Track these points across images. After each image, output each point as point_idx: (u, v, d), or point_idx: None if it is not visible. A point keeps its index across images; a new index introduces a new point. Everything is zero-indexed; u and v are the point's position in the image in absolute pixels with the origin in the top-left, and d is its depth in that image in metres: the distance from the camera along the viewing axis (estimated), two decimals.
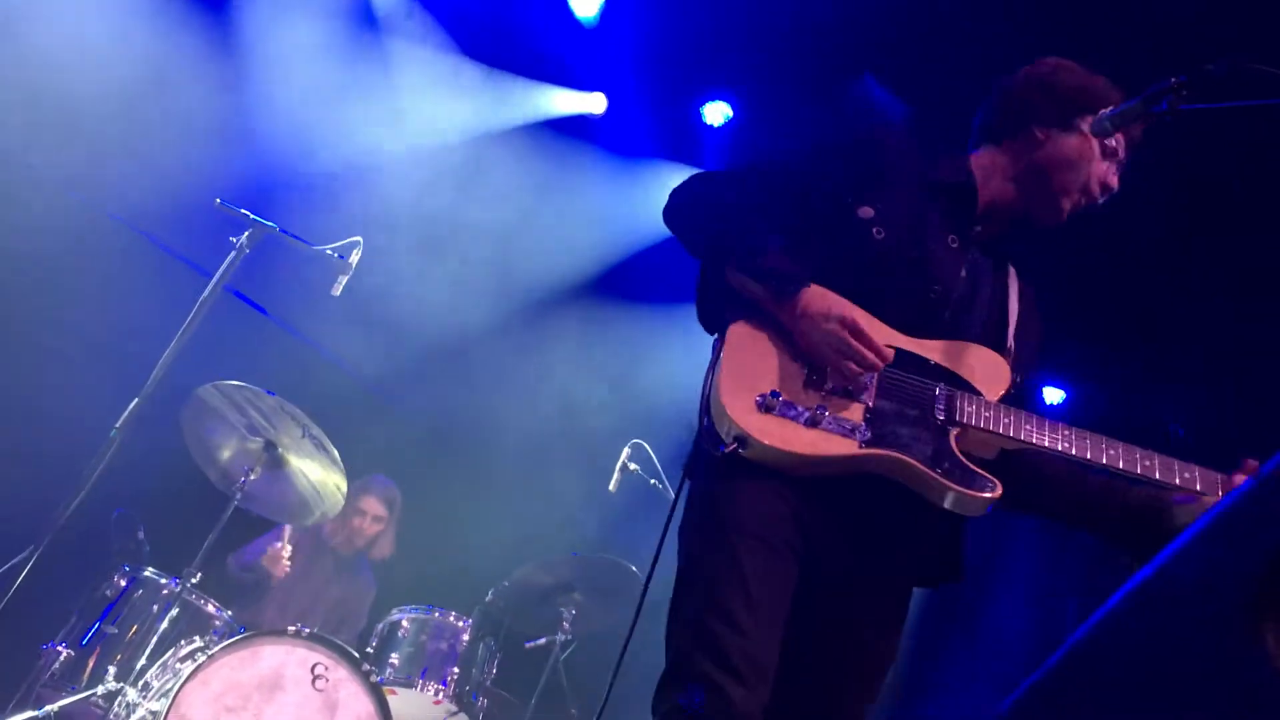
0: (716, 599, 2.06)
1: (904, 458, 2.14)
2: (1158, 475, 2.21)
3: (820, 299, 2.23)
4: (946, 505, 2.16)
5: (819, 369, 2.24)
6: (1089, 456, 2.21)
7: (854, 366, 2.18)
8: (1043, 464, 2.38)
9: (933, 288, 2.35)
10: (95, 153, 5.43)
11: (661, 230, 7.14)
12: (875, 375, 2.24)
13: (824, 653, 2.24)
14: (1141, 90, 2.21)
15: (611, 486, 5.30)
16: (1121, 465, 2.21)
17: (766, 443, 2.11)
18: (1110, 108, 2.35)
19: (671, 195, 2.49)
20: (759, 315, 2.30)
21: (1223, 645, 0.62)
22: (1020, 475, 2.28)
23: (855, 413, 2.19)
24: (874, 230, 2.34)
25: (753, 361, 2.24)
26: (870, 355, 2.18)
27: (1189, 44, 4.45)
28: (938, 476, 2.12)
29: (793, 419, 2.14)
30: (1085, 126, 2.41)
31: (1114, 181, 2.46)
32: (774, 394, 2.16)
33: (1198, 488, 2.21)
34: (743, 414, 2.14)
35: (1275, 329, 5.45)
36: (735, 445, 2.13)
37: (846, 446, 2.14)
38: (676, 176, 7.60)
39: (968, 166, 2.53)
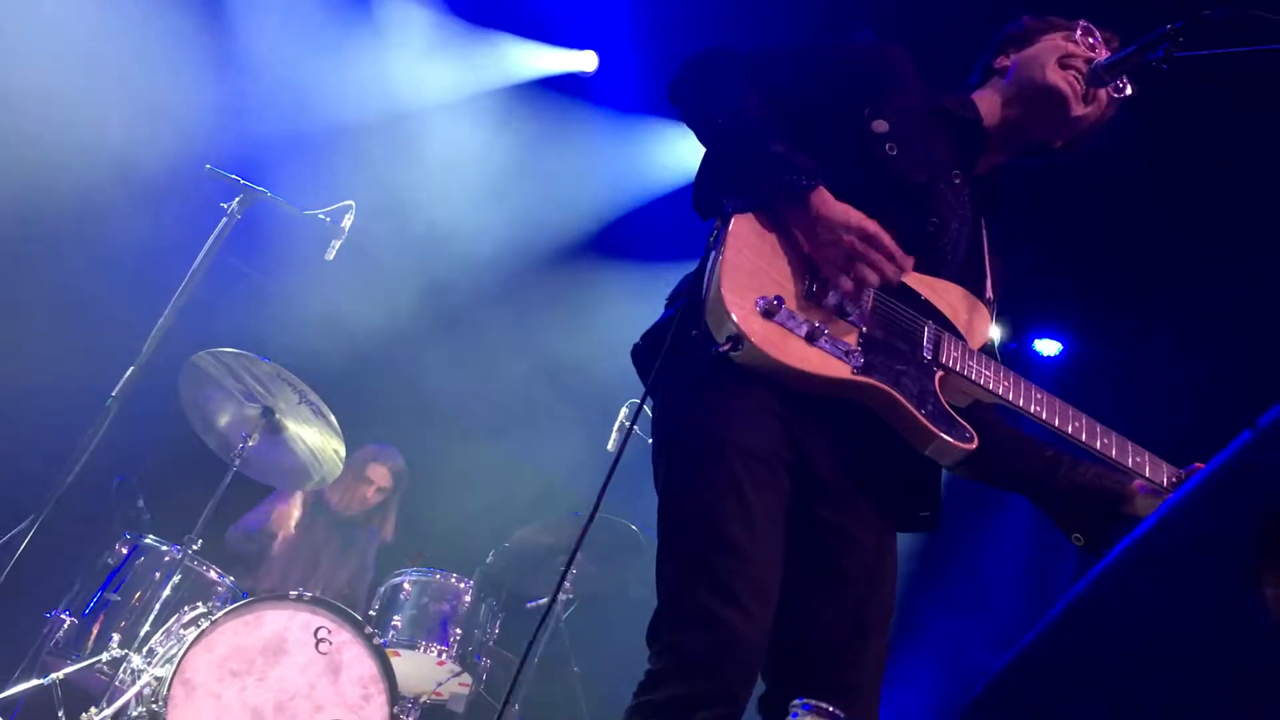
0: (715, 524, 1.96)
1: (893, 392, 2.06)
2: (1113, 454, 2.17)
3: (835, 203, 2.11)
4: (923, 449, 2.10)
5: (821, 280, 2.13)
6: (1057, 424, 2.16)
7: (870, 275, 2.08)
8: (1002, 425, 2.33)
9: (930, 219, 2.29)
10: (86, 119, 5.38)
11: (658, 187, 7.13)
12: (870, 300, 2.15)
13: (832, 562, 2.14)
14: (1137, 38, 2.20)
15: (610, 446, 5.30)
16: (1084, 438, 2.16)
17: (763, 349, 1.99)
18: (1107, 56, 2.33)
19: (682, 67, 2.33)
20: (766, 210, 2.18)
21: (1223, 599, 0.62)
22: (982, 433, 2.19)
23: (850, 335, 2.09)
24: (887, 145, 2.25)
25: (756, 260, 2.11)
26: (889, 267, 2.09)
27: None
28: (922, 418, 2.06)
29: (792, 329, 2.03)
30: (1046, 36, 2.45)
31: (1097, 56, 2.38)
32: (778, 300, 2.04)
33: (1146, 472, 2.17)
34: (744, 315, 2.00)
35: (1275, 288, 5.43)
36: (730, 345, 1.99)
37: (840, 369, 2.04)
38: (670, 133, 7.49)
39: (972, 100, 2.50)
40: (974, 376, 2.17)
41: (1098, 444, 2.17)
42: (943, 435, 2.06)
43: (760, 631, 1.92)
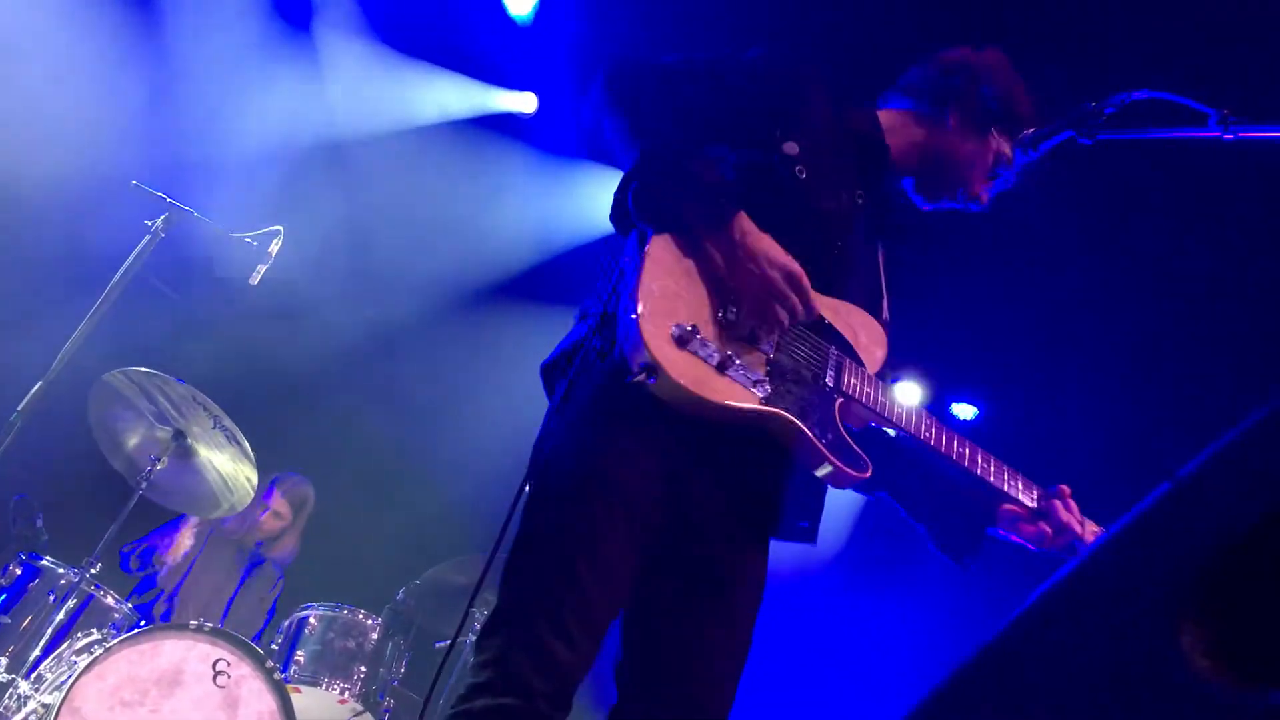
0: (565, 559, 1.97)
1: (797, 422, 2.06)
2: (991, 479, 2.25)
3: (759, 234, 2.09)
4: (819, 474, 2.11)
5: (735, 307, 2.10)
6: (942, 449, 2.22)
7: (784, 317, 2.09)
8: (899, 447, 2.32)
9: (837, 243, 2.31)
10: (6, 129, 5.26)
11: (589, 232, 7.15)
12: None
13: (690, 607, 2.13)
14: (1064, 110, 2.27)
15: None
16: (966, 463, 2.23)
17: (677, 380, 1.95)
18: (1033, 129, 2.40)
19: (614, 70, 2.27)
20: (684, 233, 2.13)
21: (1139, 648, 0.63)
22: (881, 451, 2.22)
23: (758, 363, 2.08)
24: (797, 169, 2.26)
25: (672, 285, 2.06)
26: (800, 311, 2.10)
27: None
28: (822, 447, 2.07)
29: (705, 358, 2.00)
30: (992, 136, 2.46)
31: (984, 197, 2.47)
32: (692, 328, 2.00)
33: (1019, 495, 2.25)
34: (660, 343, 1.96)
35: (1183, 337, 5.60)
36: (643, 375, 1.95)
37: (749, 400, 2.02)
38: (605, 179, 7.55)
39: (876, 120, 2.51)
40: (871, 404, 2.20)
41: (978, 469, 2.25)
42: (839, 465, 2.08)
43: (584, 664, 1.95)
